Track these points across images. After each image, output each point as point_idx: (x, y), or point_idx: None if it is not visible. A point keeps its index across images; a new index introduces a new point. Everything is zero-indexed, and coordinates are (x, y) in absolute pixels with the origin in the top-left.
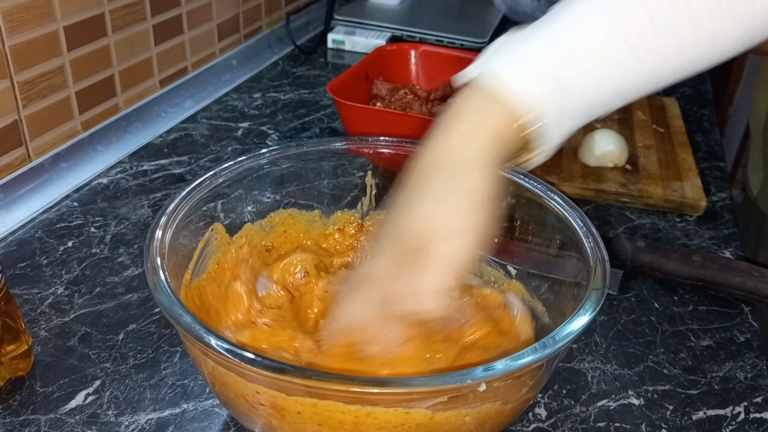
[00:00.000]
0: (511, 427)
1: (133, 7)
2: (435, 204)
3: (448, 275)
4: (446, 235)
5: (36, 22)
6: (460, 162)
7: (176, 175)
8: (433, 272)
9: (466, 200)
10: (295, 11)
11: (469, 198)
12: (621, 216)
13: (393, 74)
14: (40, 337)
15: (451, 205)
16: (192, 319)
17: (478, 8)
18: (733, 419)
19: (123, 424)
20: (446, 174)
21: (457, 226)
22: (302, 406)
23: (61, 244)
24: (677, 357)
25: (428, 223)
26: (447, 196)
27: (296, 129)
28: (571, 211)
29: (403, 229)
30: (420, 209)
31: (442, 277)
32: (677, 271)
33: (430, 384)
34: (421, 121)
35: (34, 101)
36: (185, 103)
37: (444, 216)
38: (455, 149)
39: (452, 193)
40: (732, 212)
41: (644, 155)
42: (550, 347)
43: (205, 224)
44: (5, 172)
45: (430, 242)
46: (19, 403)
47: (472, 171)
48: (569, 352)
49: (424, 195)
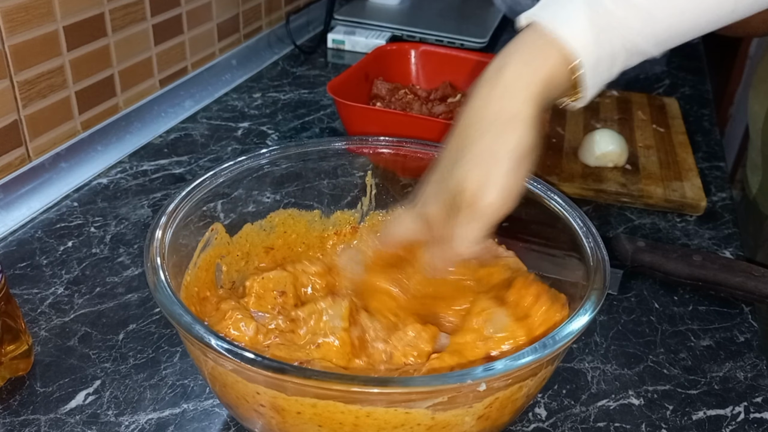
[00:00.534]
0: (511, 427)
1: (133, 7)
2: (483, 161)
3: (486, 227)
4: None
5: (36, 22)
6: (508, 117)
7: (176, 175)
8: (475, 225)
9: (509, 159)
10: (295, 11)
11: (512, 157)
12: (621, 216)
13: (393, 74)
14: (40, 337)
15: (497, 163)
16: (192, 319)
17: (478, 8)
18: (733, 419)
19: (123, 424)
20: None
21: (503, 184)
22: (302, 407)
23: (61, 244)
24: (677, 357)
25: (476, 180)
26: (492, 156)
27: (296, 129)
28: (571, 211)
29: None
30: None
31: (482, 229)
32: (677, 271)
33: (429, 384)
34: (421, 121)
35: (34, 101)
36: (185, 103)
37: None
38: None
39: (496, 153)
40: (732, 212)
41: (644, 155)
42: (550, 347)
43: (205, 224)
44: (5, 172)
45: (476, 200)
46: (19, 403)
47: (516, 128)
48: (569, 352)
49: (472, 154)
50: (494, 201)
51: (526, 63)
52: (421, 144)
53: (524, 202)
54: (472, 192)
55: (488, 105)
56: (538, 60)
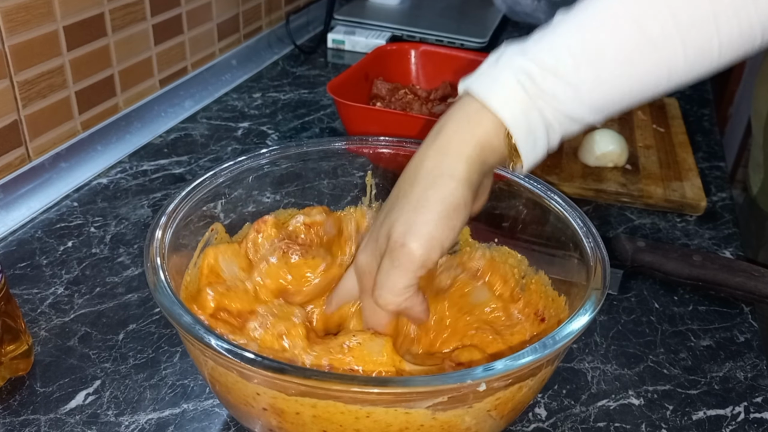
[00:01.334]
0: (511, 427)
1: (133, 7)
2: (410, 210)
3: (412, 275)
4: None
5: (36, 22)
6: (439, 173)
7: (176, 175)
8: (396, 272)
9: (436, 209)
10: (295, 11)
11: (440, 207)
12: (621, 216)
13: (393, 74)
14: (40, 337)
15: (423, 212)
16: (192, 319)
17: (478, 8)
18: (733, 419)
19: (123, 424)
20: (425, 183)
21: (426, 231)
22: (302, 407)
23: (61, 244)
24: (677, 357)
25: (401, 227)
26: (422, 203)
27: (296, 129)
28: (571, 211)
29: (383, 231)
30: (397, 214)
31: (404, 278)
32: (677, 271)
33: (429, 384)
34: (421, 121)
35: (33, 101)
36: (185, 103)
37: (416, 222)
38: (438, 160)
39: (427, 200)
40: (732, 212)
41: (644, 155)
42: (550, 347)
43: (205, 224)
44: (5, 172)
45: (398, 245)
46: (19, 403)
47: (447, 183)
48: (569, 352)
49: (404, 201)
50: (416, 248)
51: (461, 126)
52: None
53: (524, 202)
54: (395, 238)
55: (424, 162)
56: (472, 124)
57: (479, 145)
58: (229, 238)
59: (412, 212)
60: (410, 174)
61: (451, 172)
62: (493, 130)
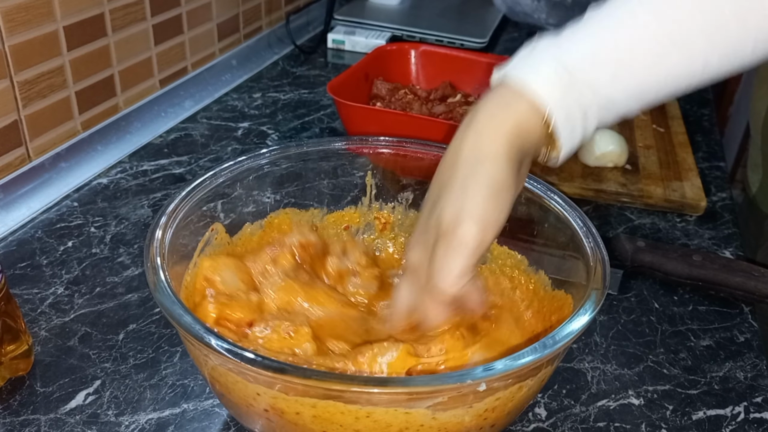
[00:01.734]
0: (511, 427)
1: (133, 7)
2: (457, 194)
3: (469, 257)
4: (467, 220)
5: (36, 22)
6: (480, 155)
7: (176, 175)
8: (453, 254)
9: (485, 189)
10: (295, 11)
11: (487, 186)
12: (621, 216)
13: (393, 74)
14: (40, 337)
15: (470, 194)
16: (192, 319)
17: (478, 8)
18: (733, 419)
19: (123, 424)
20: (467, 167)
21: (477, 212)
22: (302, 407)
23: (61, 244)
24: (677, 357)
25: (451, 212)
26: (467, 186)
27: (296, 129)
28: (571, 211)
29: (431, 222)
30: (444, 202)
31: (463, 260)
32: (677, 271)
33: (429, 384)
34: (421, 121)
35: (34, 101)
36: (185, 103)
37: (465, 204)
38: (476, 143)
39: (472, 183)
40: (732, 212)
41: (644, 155)
42: (549, 347)
43: (205, 224)
44: (5, 172)
45: (455, 228)
46: (19, 403)
47: (491, 162)
48: (569, 352)
49: (449, 189)
50: (470, 227)
51: (496, 109)
52: (421, 144)
53: (524, 202)
54: (447, 223)
55: (462, 147)
56: (509, 107)
57: (517, 126)
58: (229, 238)
59: (460, 197)
60: (449, 163)
61: (492, 154)
62: (531, 114)
